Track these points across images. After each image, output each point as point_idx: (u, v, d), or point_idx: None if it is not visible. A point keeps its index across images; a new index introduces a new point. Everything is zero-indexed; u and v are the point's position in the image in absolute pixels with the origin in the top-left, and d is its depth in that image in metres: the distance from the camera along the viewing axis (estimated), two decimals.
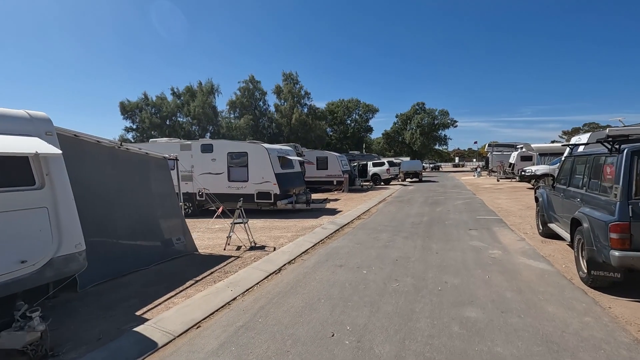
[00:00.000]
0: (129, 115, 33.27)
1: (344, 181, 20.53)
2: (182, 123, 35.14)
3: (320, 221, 10.22)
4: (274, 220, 10.68)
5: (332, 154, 21.63)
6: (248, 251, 6.94)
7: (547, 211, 6.87)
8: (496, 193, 17.38)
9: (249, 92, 36.60)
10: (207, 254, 6.86)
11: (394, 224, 9.60)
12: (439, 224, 9.36)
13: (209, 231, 9.30)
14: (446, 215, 10.84)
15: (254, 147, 12.10)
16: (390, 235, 8.16)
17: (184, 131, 32.59)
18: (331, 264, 5.96)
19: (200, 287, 4.92)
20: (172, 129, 33.77)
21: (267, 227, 9.52)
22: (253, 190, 11.91)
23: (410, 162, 34.05)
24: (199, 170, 12.60)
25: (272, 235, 8.38)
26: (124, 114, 33.45)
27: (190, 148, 12.77)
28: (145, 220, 6.27)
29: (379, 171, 26.58)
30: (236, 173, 12.22)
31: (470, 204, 13.44)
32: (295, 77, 38.09)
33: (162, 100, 34.03)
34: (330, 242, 7.69)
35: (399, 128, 61.47)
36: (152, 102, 34.00)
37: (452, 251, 6.46)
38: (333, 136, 53.87)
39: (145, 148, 13.75)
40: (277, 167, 12.10)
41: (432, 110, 59.41)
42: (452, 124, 59.94)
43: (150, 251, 6.17)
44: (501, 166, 26.89)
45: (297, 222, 10.30)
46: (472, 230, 8.41)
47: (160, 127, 34.08)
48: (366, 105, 56.26)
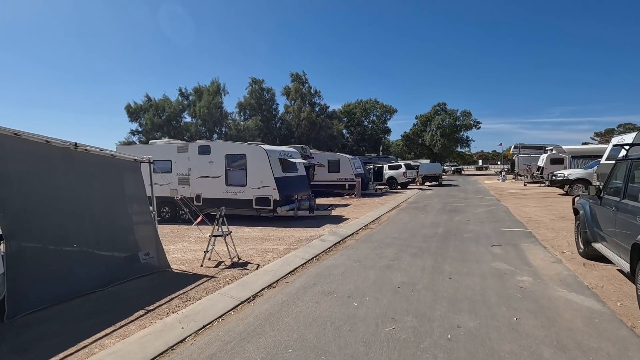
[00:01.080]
0: (134, 117, 33.33)
1: (356, 185, 19.38)
2: (188, 124, 34.60)
3: (322, 231, 9.16)
4: (271, 230, 9.71)
5: (345, 156, 20.54)
6: (227, 269, 5.97)
7: (590, 227, 5.55)
8: (523, 199, 15.77)
9: (258, 93, 36.10)
10: (180, 271, 5.95)
11: (404, 237, 8.42)
12: (456, 238, 8.10)
13: (198, 240, 8.42)
14: (465, 226, 9.54)
15: (253, 148, 11.19)
16: (396, 251, 7.00)
17: (190, 133, 32.19)
18: (318, 289, 4.90)
19: (147, 320, 3.97)
20: (177, 130, 33.74)
21: (260, 238, 8.55)
22: (251, 195, 11.00)
23: (429, 164, 32.46)
24: (196, 173, 11.82)
25: (262, 249, 7.39)
26: (130, 117, 33.59)
27: (188, 150, 12.02)
28: (105, 232, 5.42)
29: (395, 174, 25.23)
30: (234, 177, 11.36)
31: (493, 213, 12.02)
32: (303, 76, 37.38)
33: (165, 101, 33.82)
34: (326, 259, 6.62)
35: (419, 129, 59.55)
36: (155, 103, 34.04)
37: (469, 276, 5.25)
38: (349, 138, 52.60)
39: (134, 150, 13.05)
40: (278, 170, 11.14)
41: (453, 111, 57.22)
42: (475, 125, 57.57)
43: (109, 269, 5.30)
44: (528, 170, 24.95)
45: (295, 231, 9.29)
46: (495, 246, 7.13)
47: (162, 129, 33.70)
48: (384, 106, 54.68)
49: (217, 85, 34.46)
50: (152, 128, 31.49)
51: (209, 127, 32.20)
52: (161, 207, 12.45)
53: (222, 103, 34.95)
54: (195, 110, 33.88)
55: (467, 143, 58.74)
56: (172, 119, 33.53)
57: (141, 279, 5.46)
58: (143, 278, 5.51)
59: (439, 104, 58.41)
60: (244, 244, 7.87)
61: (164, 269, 5.99)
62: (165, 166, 12.41)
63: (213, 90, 33.63)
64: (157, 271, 5.85)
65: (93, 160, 5.51)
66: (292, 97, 36.66)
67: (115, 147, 13.35)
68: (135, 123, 33.67)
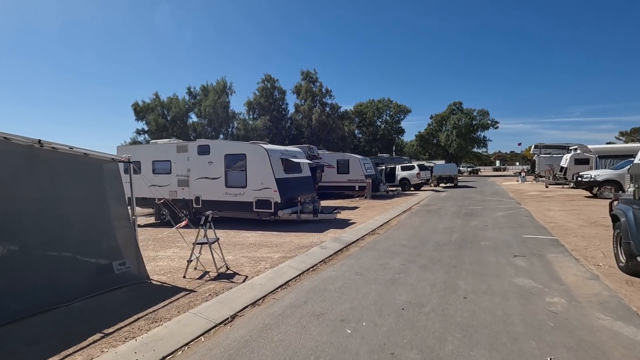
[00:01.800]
0: (141, 117, 33.13)
1: (367, 187, 18.58)
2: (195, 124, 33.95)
3: (324, 237, 8.45)
4: (270, 235, 9.05)
5: (354, 156, 19.77)
6: (211, 281, 5.33)
7: (636, 238, 4.65)
8: (546, 202, 14.66)
9: (269, 92, 35.38)
10: (159, 283, 5.34)
11: (414, 244, 7.61)
12: (472, 246, 7.25)
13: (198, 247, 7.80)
14: (482, 233, 8.65)
15: (253, 148, 10.58)
16: (404, 261, 6.22)
17: (196, 133, 31.82)
18: (308, 310, 4.19)
19: (99, 349, 3.35)
20: (182, 130, 33.26)
21: (257, 244, 7.90)
22: (251, 197, 10.38)
23: (444, 165, 31.32)
24: (195, 174, 11.30)
25: (255, 257, 6.73)
26: (137, 116, 33.42)
27: (187, 149, 11.52)
28: (73, 239, 4.85)
29: (408, 175, 24.29)
30: (234, 178, 10.77)
31: (514, 217, 11.05)
32: (314, 75, 36.54)
33: (172, 100, 33.50)
34: (323, 270, 5.90)
35: (434, 129, 58.14)
36: (163, 102, 33.69)
37: (488, 295, 4.44)
38: (362, 138, 51.67)
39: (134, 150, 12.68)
40: (280, 171, 10.50)
41: (470, 111, 55.60)
42: (492, 124, 55.78)
43: (76, 282, 4.73)
44: (550, 170, 23.57)
45: (296, 237, 8.60)
46: (518, 257, 6.26)
47: (168, 128, 33.11)
48: (398, 105, 53.52)
49: (224, 84, 33.86)
50: (157, 128, 31.23)
51: (214, 126, 31.67)
52: (161, 210, 12.03)
53: (229, 102, 34.82)
54: (201, 109, 33.33)
55: (484, 143, 56.97)
56: (177, 118, 33.13)
57: (113, 293, 4.87)
58: (116, 291, 4.92)
59: (455, 103, 56.91)
60: (237, 251, 7.23)
61: (142, 280, 5.40)
62: (165, 167, 11.97)
63: (219, 89, 33.21)
64: (133, 283, 5.26)
65: (62, 159, 4.96)
66: (303, 96, 35.87)
67: (116, 149, 13.02)
68: (142, 122, 33.67)
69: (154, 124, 31.57)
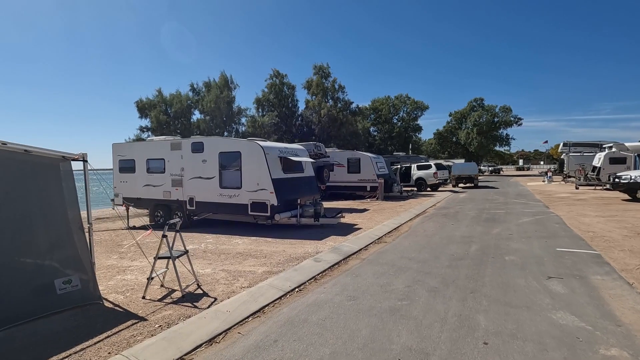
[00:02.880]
0: (144, 114, 32.56)
1: (379, 187, 17.42)
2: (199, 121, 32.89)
3: (322, 245, 7.44)
4: (263, 242, 8.12)
5: (366, 154, 18.63)
6: (173, 304, 4.42)
7: None
8: (578, 206, 13.14)
9: (278, 88, 34.16)
10: (111, 306, 4.47)
11: (424, 257, 6.50)
12: (495, 262, 6.08)
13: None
14: (507, 244, 7.43)
15: (248, 145, 9.66)
16: (410, 281, 5.14)
17: (199, 130, 31.12)
18: (274, 356, 3.19)
19: None
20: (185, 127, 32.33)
21: (244, 254, 6.97)
22: (247, 199, 9.47)
23: (463, 164, 29.64)
24: (189, 174, 10.49)
25: (236, 271, 5.79)
26: (140, 113, 32.99)
27: (181, 147, 10.72)
28: (4, 252, 4.03)
29: (424, 175, 22.94)
30: (228, 178, 9.90)
31: (543, 223, 9.71)
32: (326, 69, 35.00)
33: (175, 96, 32.85)
34: (311, 291, 4.90)
35: (453, 127, 56.04)
36: (165, 99, 33.07)
37: (517, 341, 3.32)
38: (377, 136, 50.16)
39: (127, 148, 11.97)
40: (277, 170, 9.54)
41: (491, 107, 53.20)
42: (515, 121, 53.21)
43: (5, 305, 3.91)
44: (581, 170, 21.68)
45: (290, 245, 7.63)
46: (554, 279, 5.07)
47: (170, 126, 32.18)
48: (415, 102, 51.63)
49: (225, 79, 32.67)
50: (159, 125, 30.72)
51: (216, 122, 30.73)
52: (155, 211, 11.33)
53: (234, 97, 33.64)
54: (203, 104, 32.28)
55: (506, 141, 54.44)
56: (179, 115, 32.34)
57: (50, 319, 4.03)
58: (53, 317, 4.07)
59: (476, 99, 54.61)
60: (219, 263, 6.31)
61: (92, 302, 4.53)
62: (159, 166, 11.23)
63: (221, 83, 32.21)
64: (81, 305, 4.41)
65: None
66: (314, 91, 34.50)
67: (112, 147, 12.42)
68: (146, 120, 33.00)
69: (155, 121, 31.06)
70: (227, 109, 31.47)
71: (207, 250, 7.34)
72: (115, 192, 12.25)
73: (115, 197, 12.26)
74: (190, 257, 5.19)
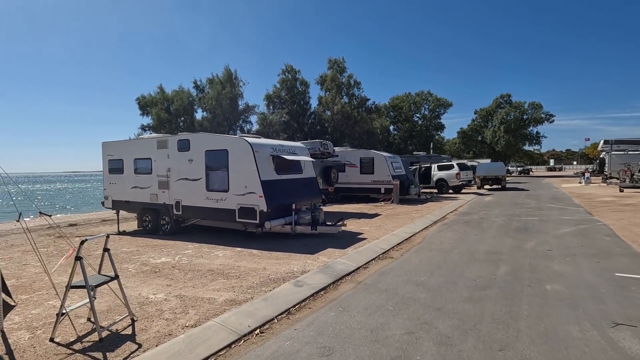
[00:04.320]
0: (146, 111, 31.87)
1: (394, 189, 15.90)
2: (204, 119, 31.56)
3: (313, 262, 6.13)
4: (246, 254, 6.89)
5: (380, 154, 17.13)
6: (80, 354, 3.25)
7: None
8: (629, 212, 11.16)
9: (289, 84, 32.38)
10: (4, 353, 3.35)
11: (437, 282, 5.06)
12: (533, 294, 4.56)
13: (141, 274, 5.85)
14: (546, 265, 5.85)
15: (236, 142, 8.48)
16: (413, 323, 3.74)
17: (202, 129, 30.04)
18: None
19: None
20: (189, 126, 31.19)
21: (216, 272, 5.76)
22: (234, 204, 8.29)
23: (489, 164, 27.48)
24: (176, 175, 9.44)
25: (194, 297, 4.58)
26: (142, 110, 32.15)
27: (167, 145, 9.69)
28: None
29: (445, 176, 21.14)
30: (215, 179, 8.76)
31: (589, 235, 7.98)
32: (342, 63, 32.91)
33: (177, 93, 31.80)
34: (276, 334, 3.60)
35: (478, 125, 53.15)
36: (167, 96, 32.11)
37: None
38: (396, 135, 48.15)
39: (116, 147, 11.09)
40: (268, 171, 8.31)
41: (520, 104, 49.94)
42: (546, 118, 49.67)
43: None
44: (627, 171, 19.24)
45: (276, 260, 6.36)
46: (622, 326, 3.53)
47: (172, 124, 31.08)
48: (437, 99, 49.16)
49: (229, 73, 31.17)
50: (159, 123, 30.00)
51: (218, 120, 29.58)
52: (143, 216, 10.37)
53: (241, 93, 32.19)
54: (204, 102, 31.02)
55: (537, 140, 50.98)
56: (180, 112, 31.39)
57: None
58: None
59: (503, 95, 51.53)
60: (180, 284, 5.12)
61: None
62: (146, 166, 10.25)
63: (224, 79, 30.91)
64: None
65: None
66: (327, 86, 32.68)
67: (101, 145, 11.60)
68: (148, 117, 32.07)
69: (156, 118, 30.36)
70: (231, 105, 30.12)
71: (177, 266, 6.20)
72: (105, 194, 11.42)
73: (105, 200, 11.45)
74: (120, 285, 4.02)
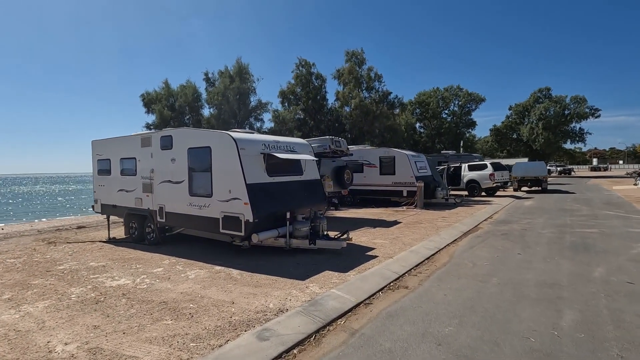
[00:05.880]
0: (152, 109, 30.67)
1: (417, 192, 14.06)
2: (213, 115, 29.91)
3: (299, 293, 4.62)
4: (223, 277, 5.47)
5: (402, 152, 15.32)
6: None
7: None
8: None
9: (303, 79, 30.48)
10: None
11: (471, 338, 3.38)
12: None
13: (78, 305, 4.60)
14: (634, 310, 4.00)
15: (219, 137, 7.09)
16: None
17: (209, 126, 28.73)
18: None
19: None
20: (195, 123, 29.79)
21: (168, 306, 4.37)
22: (218, 212, 6.92)
23: (528, 163, 24.76)
24: (159, 176, 8.23)
25: (111, 354, 3.19)
26: (147, 108, 31.00)
27: (151, 143, 8.51)
28: None
29: (477, 177, 18.95)
30: (199, 182, 7.43)
31: None
32: (360, 54, 30.55)
33: (184, 88, 30.43)
34: None
35: (513, 122, 49.51)
36: (173, 91, 30.84)
37: None
38: (423, 133, 45.54)
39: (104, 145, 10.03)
40: (258, 172, 6.88)
41: (561, 98, 45.92)
42: (591, 113, 45.36)
43: None
44: None
45: (253, 289, 4.89)
46: None
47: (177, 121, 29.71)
48: (468, 93, 46.05)
49: (240, 66, 29.15)
50: (162, 121, 29.10)
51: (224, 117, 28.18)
52: (129, 221, 9.26)
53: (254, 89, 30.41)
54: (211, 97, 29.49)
55: (580, 137, 46.68)
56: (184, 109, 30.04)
57: None
58: None
59: (541, 89, 47.69)
60: (112, 325, 3.76)
61: None
62: (131, 166, 9.13)
63: (235, 72, 29.02)
64: None
65: None
66: (344, 80, 30.50)
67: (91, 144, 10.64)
68: (153, 115, 30.74)
69: (159, 116, 29.58)
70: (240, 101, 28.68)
71: (130, 293, 4.88)
72: (95, 197, 10.46)
73: (95, 204, 10.49)
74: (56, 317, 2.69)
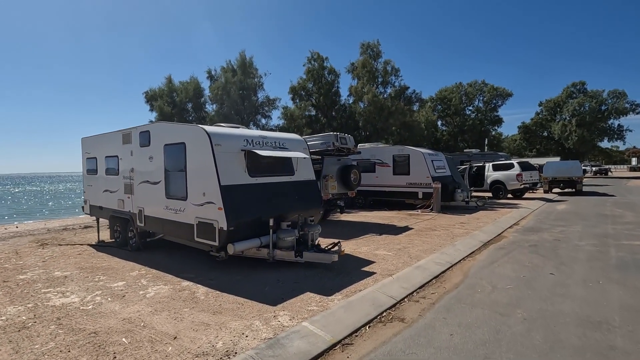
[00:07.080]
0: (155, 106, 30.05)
1: (434, 193, 12.78)
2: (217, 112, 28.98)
3: (262, 326, 3.64)
4: (184, 297, 4.56)
5: (418, 150, 14.03)
6: None
7: None
8: None
9: (315, 74, 29.03)
10: None
11: None
12: None
13: None
14: None
15: (192, 132, 6.21)
16: None
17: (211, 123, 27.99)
18: None
19: None
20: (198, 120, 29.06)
21: (95, 341, 3.49)
22: (192, 217, 6.05)
23: (560, 163, 22.69)
24: (139, 176, 7.50)
25: None
26: (150, 105, 30.47)
27: (131, 140, 7.78)
28: None
29: (503, 177, 17.36)
30: (174, 182, 6.60)
31: None
32: (376, 46, 28.62)
33: (186, 84, 29.47)
34: None
35: (544, 119, 46.55)
36: (175, 87, 30.20)
37: None
38: (444, 130, 43.47)
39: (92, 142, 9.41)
40: (235, 172, 5.93)
41: (597, 93, 42.64)
42: (632, 109, 41.84)
43: None
44: None
45: (211, 316, 3.95)
46: None
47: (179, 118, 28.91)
48: (494, 88, 43.49)
49: (244, 60, 27.91)
50: (163, 118, 28.46)
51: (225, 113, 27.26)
52: (114, 224, 8.59)
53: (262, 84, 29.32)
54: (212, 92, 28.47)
55: (619, 134, 43.23)
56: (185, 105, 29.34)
57: None
58: None
59: (575, 83, 44.51)
60: None
61: None
62: (113, 165, 8.46)
63: (238, 66, 27.93)
64: None
65: None
66: (358, 73, 28.73)
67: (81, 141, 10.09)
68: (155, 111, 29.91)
69: (159, 112, 29.14)
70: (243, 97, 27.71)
71: (67, 316, 4.06)
72: (84, 197, 9.93)
73: (84, 205, 9.95)
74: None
